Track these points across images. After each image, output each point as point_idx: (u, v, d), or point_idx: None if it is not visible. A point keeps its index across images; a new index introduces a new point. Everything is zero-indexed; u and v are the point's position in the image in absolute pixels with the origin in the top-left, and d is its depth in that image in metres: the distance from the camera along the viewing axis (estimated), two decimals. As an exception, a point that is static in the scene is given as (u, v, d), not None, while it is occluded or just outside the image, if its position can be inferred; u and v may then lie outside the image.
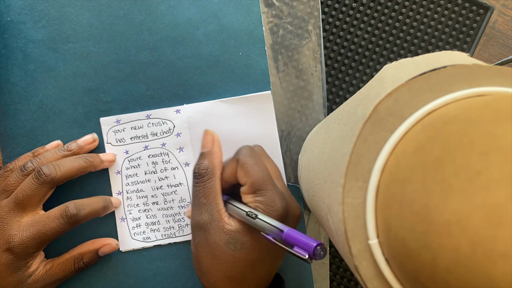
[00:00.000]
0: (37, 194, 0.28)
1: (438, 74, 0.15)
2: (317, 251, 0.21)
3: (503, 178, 0.11)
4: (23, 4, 0.32)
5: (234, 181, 0.27)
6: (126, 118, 0.32)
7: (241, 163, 0.26)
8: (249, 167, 0.25)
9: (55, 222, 0.27)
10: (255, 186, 0.25)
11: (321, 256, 0.21)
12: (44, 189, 0.28)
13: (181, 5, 0.33)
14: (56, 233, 0.28)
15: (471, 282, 0.11)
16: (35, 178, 0.27)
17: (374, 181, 0.15)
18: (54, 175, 0.28)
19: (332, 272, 0.33)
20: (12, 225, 0.27)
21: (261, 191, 0.25)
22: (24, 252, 0.27)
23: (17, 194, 0.27)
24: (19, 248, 0.27)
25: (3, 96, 0.32)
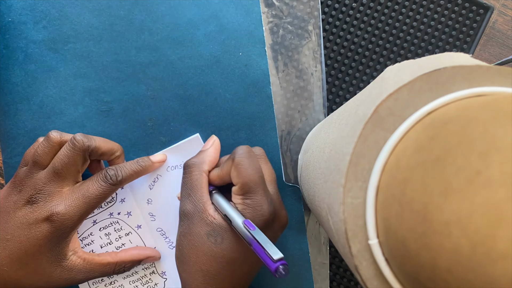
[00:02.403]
0: (73, 162, 0.27)
1: (438, 74, 0.15)
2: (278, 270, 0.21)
3: (503, 178, 0.11)
4: (24, 5, 0.32)
5: (228, 180, 0.27)
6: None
7: (235, 163, 0.26)
8: (242, 168, 0.26)
9: (96, 185, 0.28)
10: (245, 188, 0.25)
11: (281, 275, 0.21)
12: (79, 156, 0.27)
13: (182, 5, 0.33)
14: (99, 196, 0.28)
15: (471, 282, 0.11)
16: (71, 145, 0.27)
17: (374, 181, 0.15)
18: (90, 143, 0.28)
19: (332, 272, 0.33)
20: (53, 196, 0.27)
21: (251, 193, 0.25)
22: (67, 222, 0.27)
23: (54, 164, 0.27)
24: (62, 217, 0.27)
25: (4, 96, 0.32)
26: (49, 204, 0.27)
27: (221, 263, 0.25)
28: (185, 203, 0.27)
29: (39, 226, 0.27)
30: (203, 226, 0.25)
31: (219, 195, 0.27)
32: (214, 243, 0.25)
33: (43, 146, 0.28)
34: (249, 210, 0.25)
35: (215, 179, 0.28)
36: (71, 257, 0.28)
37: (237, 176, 0.26)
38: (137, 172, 0.30)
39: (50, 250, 0.27)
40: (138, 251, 0.31)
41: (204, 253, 0.25)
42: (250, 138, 0.33)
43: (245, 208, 0.25)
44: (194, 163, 0.28)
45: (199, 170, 0.28)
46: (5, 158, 0.32)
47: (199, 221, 0.26)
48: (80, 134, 0.28)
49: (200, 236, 0.25)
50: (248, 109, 0.33)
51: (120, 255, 0.30)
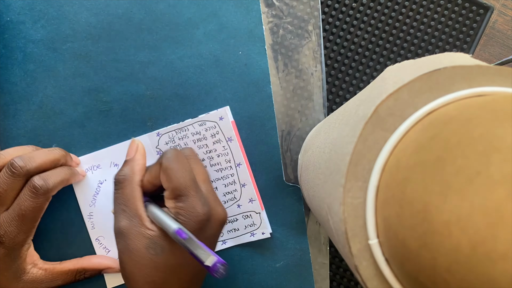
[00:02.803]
0: (13, 188, 0.27)
1: (438, 74, 0.15)
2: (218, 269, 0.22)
3: (503, 178, 0.11)
4: (22, 4, 0.32)
5: (159, 184, 0.27)
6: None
7: (163, 167, 0.26)
8: (170, 172, 0.25)
9: (28, 200, 0.27)
10: (176, 191, 0.25)
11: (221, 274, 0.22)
12: (19, 182, 0.27)
13: (181, 4, 0.33)
14: (33, 211, 0.27)
15: (471, 282, 0.11)
16: (9, 171, 0.27)
17: (374, 181, 0.15)
18: (29, 167, 0.27)
19: (332, 272, 0.33)
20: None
21: (182, 196, 0.25)
22: (13, 242, 0.27)
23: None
24: (5, 238, 0.27)
25: (3, 96, 0.32)
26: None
27: (165, 272, 0.25)
28: (120, 219, 0.26)
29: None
30: (141, 240, 0.25)
31: (153, 205, 0.27)
32: (154, 254, 0.25)
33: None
34: (182, 212, 0.25)
35: (145, 185, 0.27)
36: (31, 270, 0.28)
37: (166, 180, 0.25)
38: (66, 179, 0.29)
39: (7, 269, 0.27)
40: (100, 260, 0.31)
41: (146, 266, 0.25)
42: (250, 138, 0.33)
43: (178, 211, 0.25)
44: (126, 177, 0.27)
45: (131, 183, 0.27)
46: (4, 157, 0.32)
47: (136, 236, 0.25)
48: (19, 158, 0.27)
49: (139, 250, 0.25)
50: (248, 109, 0.33)
51: (82, 262, 0.30)
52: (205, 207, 0.25)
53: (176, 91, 0.33)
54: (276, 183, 0.33)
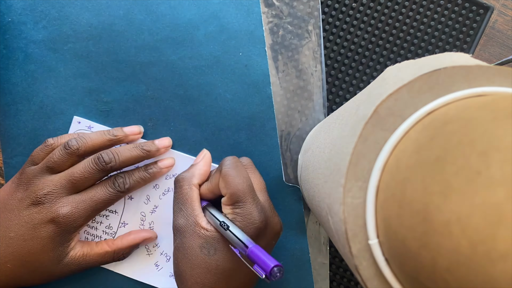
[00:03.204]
0: (93, 178, 0.28)
1: (438, 74, 0.15)
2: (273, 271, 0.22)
3: (503, 178, 0.11)
4: (24, 5, 0.32)
5: (219, 192, 0.27)
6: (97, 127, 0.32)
7: (223, 174, 0.26)
8: (229, 179, 0.26)
9: (104, 190, 0.28)
10: (234, 197, 0.25)
11: (276, 277, 0.22)
12: (101, 174, 0.28)
13: (182, 5, 0.33)
14: (105, 201, 0.28)
15: (471, 282, 0.11)
16: (94, 164, 0.28)
17: (374, 181, 0.15)
18: (114, 164, 0.28)
19: (332, 272, 0.33)
20: (62, 199, 0.27)
21: (240, 203, 0.25)
22: (71, 224, 0.27)
23: (73, 174, 0.28)
24: (67, 219, 0.27)
25: (4, 97, 0.32)
26: (55, 205, 0.27)
27: (216, 274, 0.25)
28: (177, 217, 0.27)
29: (44, 226, 0.27)
30: (196, 239, 0.26)
31: (211, 208, 0.27)
32: (207, 255, 0.25)
33: (60, 155, 0.28)
34: (239, 219, 0.25)
35: (205, 193, 0.28)
36: (70, 253, 0.28)
37: (225, 186, 0.26)
38: (144, 180, 0.30)
39: (52, 250, 0.27)
40: (134, 235, 0.31)
41: (198, 265, 0.25)
42: (250, 138, 0.33)
43: (235, 217, 0.25)
44: (184, 177, 0.28)
45: (189, 184, 0.28)
46: (5, 158, 0.32)
47: (192, 234, 0.26)
48: (105, 153, 0.28)
49: (193, 248, 0.25)
50: (248, 109, 0.33)
51: (117, 243, 0.30)
52: (262, 215, 0.25)
53: (176, 91, 0.33)
54: (276, 183, 0.33)
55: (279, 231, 0.27)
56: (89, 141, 0.29)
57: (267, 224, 0.26)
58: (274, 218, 0.27)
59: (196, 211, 0.27)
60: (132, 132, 0.31)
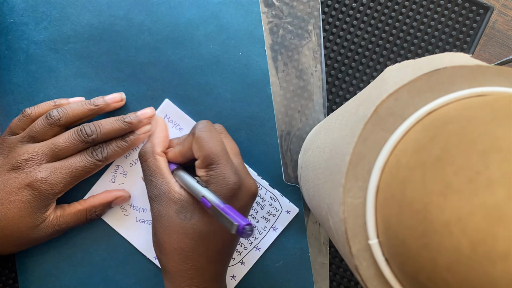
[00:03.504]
0: (74, 148, 0.28)
1: (438, 74, 0.15)
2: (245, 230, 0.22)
3: (502, 178, 0.11)
4: (25, 6, 0.32)
5: (191, 156, 0.27)
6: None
7: (196, 137, 0.26)
8: (203, 141, 0.26)
9: (83, 159, 0.28)
10: (208, 160, 0.25)
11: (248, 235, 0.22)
12: (83, 146, 0.28)
13: (181, 5, 0.33)
14: (84, 170, 0.28)
15: (471, 282, 0.11)
16: (77, 135, 0.28)
17: (374, 181, 0.15)
18: (95, 136, 0.28)
19: (332, 272, 0.33)
20: (41, 165, 0.28)
21: (213, 165, 0.25)
22: (49, 189, 0.28)
23: (55, 143, 0.28)
24: (45, 184, 0.27)
25: (6, 97, 0.32)
26: (34, 171, 0.27)
27: (194, 238, 0.25)
28: (150, 189, 0.27)
29: (22, 191, 0.27)
30: (171, 205, 0.26)
31: (182, 171, 0.27)
32: (183, 219, 0.25)
33: (42, 125, 0.28)
34: (213, 180, 0.25)
35: (177, 157, 0.28)
36: (47, 217, 0.28)
37: (198, 149, 0.26)
38: (122, 148, 0.30)
39: (29, 215, 0.28)
40: (106, 193, 0.31)
41: (175, 231, 0.25)
42: (250, 138, 0.33)
43: (209, 179, 0.25)
44: (146, 150, 0.28)
45: (152, 155, 0.28)
46: (5, 158, 0.32)
47: (167, 201, 0.26)
48: (87, 125, 0.29)
49: (169, 215, 0.26)
50: (248, 109, 0.33)
51: (89, 201, 0.30)
52: (236, 176, 0.25)
53: (176, 91, 0.33)
54: (276, 183, 0.33)
55: (254, 192, 0.27)
56: (70, 111, 0.29)
57: (242, 185, 0.26)
58: (249, 180, 0.27)
59: (167, 179, 0.27)
60: (114, 99, 0.31)
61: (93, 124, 0.29)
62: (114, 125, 0.29)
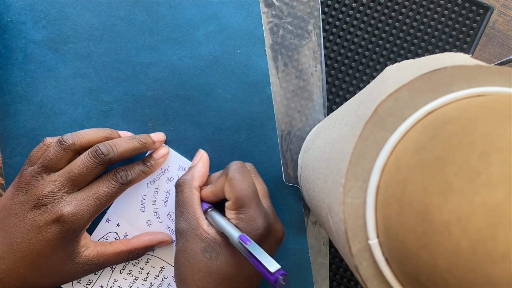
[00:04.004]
0: (92, 172, 0.28)
1: (438, 74, 0.15)
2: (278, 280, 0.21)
3: (503, 178, 0.11)
4: (23, 4, 0.32)
5: (222, 196, 0.27)
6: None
7: (228, 178, 0.26)
8: (235, 183, 0.26)
9: (107, 184, 0.28)
10: (239, 202, 0.25)
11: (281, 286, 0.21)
12: (99, 168, 0.28)
13: (182, 5, 0.33)
14: (109, 195, 0.28)
15: (471, 282, 0.11)
16: (92, 157, 0.27)
17: (374, 181, 0.15)
18: (112, 155, 0.28)
19: (332, 272, 0.33)
20: (64, 197, 0.27)
21: (244, 208, 0.25)
22: (77, 222, 0.27)
23: (71, 171, 0.27)
24: (72, 217, 0.27)
25: (3, 96, 0.32)
26: (58, 205, 0.27)
27: (217, 279, 0.25)
28: (179, 221, 0.27)
29: (49, 227, 0.27)
30: (198, 243, 0.26)
31: (214, 211, 0.27)
32: (209, 259, 0.25)
33: (55, 151, 0.28)
34: (243, 224, 0.25)
35: (209, 196, 0.28)
36: (84, 252, 0.28)
37: (230, 190, 0.26)
38: (145, 172, 0.30)
39: (62, 251, 0.27)
40: (151, 236, 0.31)
41: (199, 269, 0.25)
42: (250, 138, 0.33)
43: (239, 222, 0.25)
44: (185, 181, 0.28)
45: (190, 187, 0.28)
46: (4, 158, 0.32)
47: (194, 238, 0.26)
48: (103, 145, 0.28)
49: (195, 252, 0.25)
50: (248, 109, 0.33)
51: (133, 242, 0.30)
52: (265, 221, 0.25)
53: (176, 91, 0.33)
54: (276, 183, 0.33)
55: (281, 237, 0.27)
56: (84, 136, 0.29)
57: (270, 230, 0.26)
58: (277, 225, 0.27)
59: (198, 214, 0.27)
60: (125, 135, 0.31)
61: (108, 144, 0.28)
62: (130, 144, 0.29)
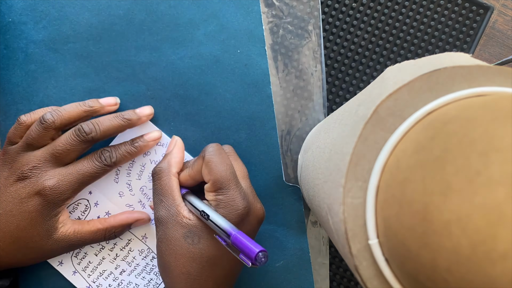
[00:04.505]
0: (75, 150, 0.28)
1: (438, 74, 0.15)
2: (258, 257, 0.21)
3: (502, 178, 0.11)
4: (24, 5, 0.32)
5: (200, 179, 0.27)
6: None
7: (205, 160, 0.26)
8: (212, 165, 0.26)
9: (91, 164, 0.28)
10: (217, 184, 0.25)
11: (261, 262, 0.22)
12: (83, 146, 0.28)
13: (181, 5, 0.33)
14: (92, 175, 0.28)
15: (471, 282, 0.11)
16: (75, 135, 0.28)
17: (374, 181, 0.15)
18: (95, 134, 0.28)
19: (332, 272, 0.33)
20: (48, 172, 0.27)
21: (223, 189, 0.25)
22: (58, 196, 0.27)
23: (55, 147, 0.27)
24: (54, 191, 0.27)
25: (4, 97, 0.32)
26: (41, 179, 0.27)
27: (201, 263, 0.25)
28: (158, 209, 0.27)
29: (31, 200, 0.27)
30: (178, 229, 0.26)
31: (192, 196, 0.27)
32: (191, 243, 0.25)
33: (37, 130, 0.28)
34: (223, 205, 0.25)
35: (186, 180, 0.28)
36: (61, 229, 0.28)
37: (208, 173, 0.26)
38: (131, 154, 0.30)
39: (41, 224, 0.27)
40: (127, 214, 0.31)
41: (182, 255, 0.25)
42: (250, 138, 0.33)
43: (218, 204, 0.25)
44: (161, 168, 0.28)
45: (167, 175, 0.28)
46: (5, 158, 0.32)
47: (174, 225, 0.26)
48: (85, 124, 0.28)
49: (176, 239, 0.25)
50: (248, 109, 0.33)
51: (109, 221, 0.30)
52: (245, 201, 0.25)
53: (176, 91, 0.33)
54: (276, 183, 0.33)
55: (262, 217, 0.27)
56: (64, 113, 0.28)
57: (250, 210, 0.26)
58: (257, 204, 0.27)
59: (177, 201, 0.27)
60: (108, 103, 0.31)
61: (91, 122, 0.28)
62: (113, 122, 0.29)
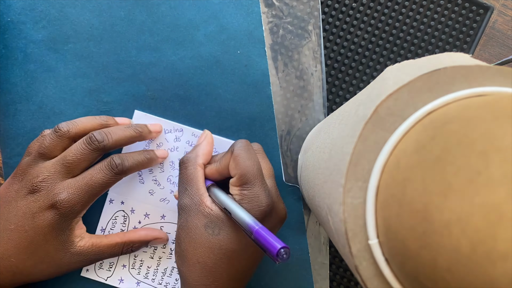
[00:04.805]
0: (86, 159, 0.27)
1: (438, 74, 0.15)
2: (280, 253, 0.21)
3: (503, 178, 0.11)
4: (23, 5, 0.32)
5: (227, 174, 0.27)
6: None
7: (234, 154, 0.26)
8: (240, 160, 0.26)
9: (101, 173, 0.28)
10: (243, 179, 0.26)
11: (283, 259, 0.21)
12: (94, 155, 0.28)
13: (182, 6, 0.33)
14: (102, 185, 0.28)
15: (471, 282, 0.11)
16: (87, 144, 0.27)
17: (374, 181, 0.15)
18: (106, 142, 0.28)
19: (332, 272, 0.33)
20: (58, 184, 0.27)
21: (248, 184, 0.25)
22: (70, 209, 0.27)
23: (65, 157, 0.27)
24: (65, 204, 0.26)
25: (3, 96, 0.32)
26: (52, 192, 0.27)
27: (218, 254, 0.25)
28: (182, 197, 0.27)
29: (42, 214, 0.27)
30: (200, 218, 0.26)
31: (217, 188, 0.27)
32: (211, 234, 0.25)
33: (50, 139, 0.28)
34: (247, 200, 0.25)
35: (213, 173, 0.28)
36: (78, 243, 0.28)
37: (235, 167, 0.26)
38: (142, 164, 0.30)
39: (55, 238, 0.27)
40: (146, 232, 0.31)
41: (201, 244, 0.25)
42: (250, 138, 0.33)
43: (243, 198, 0.25)
44: (189, 158, 0.28)
45: (194, 165, 0.28)
46: (4, 158, 0.32)
47: (197, 214, 0.26)
48: (97, 132, 0.28)
49: (197, 228, 0.25)
50: (248, 109, 0.33)
51: (128, 235, 0.30)
52: (269, 198, 0.25)
53: (176, 92, 0.33)
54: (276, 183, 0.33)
55: (283, 217, 0.27)
56: (79, 124, 0.29)
57: (273, 208, 0.26)
58: (280, 204, 0.27)
59: (201, 191, 0.27)
60: (123, 122, 0.31)
61: (102, 131, 0.28)
62: (125, 132, 0.29)
